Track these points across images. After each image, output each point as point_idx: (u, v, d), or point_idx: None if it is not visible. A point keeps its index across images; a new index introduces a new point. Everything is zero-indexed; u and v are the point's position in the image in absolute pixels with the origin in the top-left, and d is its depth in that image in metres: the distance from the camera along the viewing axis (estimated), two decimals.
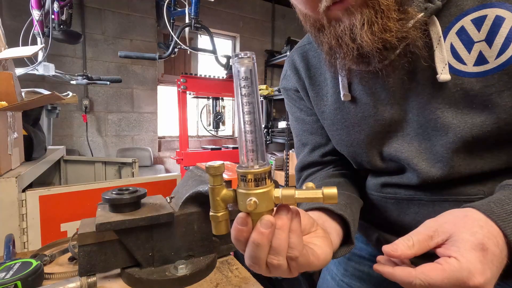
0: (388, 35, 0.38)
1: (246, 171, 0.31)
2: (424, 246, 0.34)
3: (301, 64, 0.60)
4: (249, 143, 0.31)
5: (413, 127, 0.47)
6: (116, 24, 3.49)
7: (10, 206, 0.76)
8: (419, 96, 0.45)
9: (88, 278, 0.47)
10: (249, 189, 0.31)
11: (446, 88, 0.42)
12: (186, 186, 0.57)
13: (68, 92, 1.57)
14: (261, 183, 0.31)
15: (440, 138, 0.45)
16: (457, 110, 0.42)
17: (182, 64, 4.12)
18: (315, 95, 0.58)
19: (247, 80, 0.31)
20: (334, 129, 0.57)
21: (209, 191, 0.34)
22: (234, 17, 4.20)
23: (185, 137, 2.79)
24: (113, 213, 0.49)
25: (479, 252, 0.31)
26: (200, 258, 0.54)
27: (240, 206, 0.33)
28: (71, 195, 0.86)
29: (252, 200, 0.31)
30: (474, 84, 0.40)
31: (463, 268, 0.30)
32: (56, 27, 1.79)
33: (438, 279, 0.31)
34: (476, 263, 0.30)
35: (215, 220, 0.34)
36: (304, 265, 0.35)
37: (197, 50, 2.67)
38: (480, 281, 0.30)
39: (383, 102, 0.48)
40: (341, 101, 0.53)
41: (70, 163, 1.56)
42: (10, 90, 0.81)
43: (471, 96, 0.41)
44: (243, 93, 0.31)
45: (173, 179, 1.07)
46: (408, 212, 0.51)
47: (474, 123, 0.41)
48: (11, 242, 0.57)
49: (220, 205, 0.34)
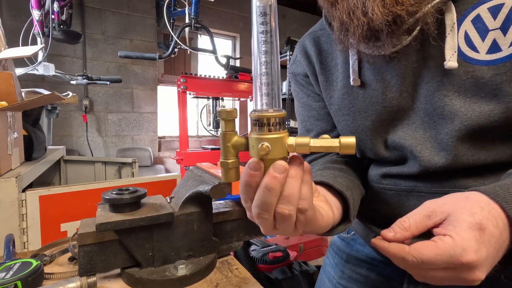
0: (399, 8, 0.39)
1: (260, 115, 0.30)
2: (421, 227, 0.33)
3: (312, 49, 0.60)
4: (264, 86, 0.30)
5: (420, 115, 0.47)
6: (116, 24, 3.49)
7: (10, 206, 0.76)
8: (429, 83, 0.45)
9: (88, 278, 0.47)
10: (262, 133, 0.30)
11: (456, 75, 0.42)
12: (186, 186, 0.57)
13: (68, 92, 1.57)
14: (274, 128, 0.30)
15: (446, 126, 0.45)
16: (465, 98, 0.42)
17: (182, 64, 4.12)
18: (325, 80, 0.59)
19: (266, 16, 0.29)
20: (340, 114, 0.57)
21: (220, 137, 0.33)
22: (234, 17, 4.20)
23: (185, 137, 2.79)
24: (113, 213, 0.49)
25: (476, 231, 0.30)
26: (200, 258, 0.54)
27: (251, 152, 0.31)
28: (71, 195, 0.86)
29: (265, 145, 0.30)
30: (485, 72, 0.40)
31: (457, 245, 0.30)
32: (56, 27, 1.79)
33: (430, 256, 0.30)
34: (471, 241, 0.30)
35: (225, 166, 0.33)
36: (311, 222, 0.34)
37: (197, 50, 2.67)
38: (473, 258, 0.29)
39: (392, 89, 0.49)
40: (350, 86, 0.53)
41: (70, 163, 1.56)
42: (10, 90, 0.81)
43: (480, 84, 0.41)
44: (260, 30, 0.29)
45: (173, 179, 1.07)
46: (408, 205, 0.51)
47: (482, 111, 0.41)
48: (11, 242, 0.57)
49: (231, 151, 0.33)
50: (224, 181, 0.33)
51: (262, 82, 0.30)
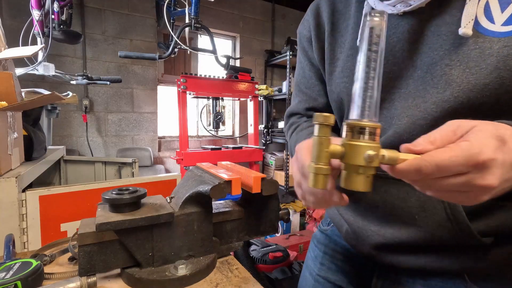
0: None
1: (372, 124, 0.31)
2: (446, 141, 0.32)
3: (326, 10, 0.61)
4: (368, 99, 0.32)
5: (416, 84, 0.47)
6: (116, 24, 3.49)
7: (10, 206, 0.76)
8: (435, 51, 0.45)
9: (88, 278, 0.47)
10: (369, 142, 0.31)
11: (465, 45, 0.43)
12: (186, 186, 0.57)
13: (68, 92, 1.57)
14: (375, 138, 0.31)
15: (435, 95, 0.45)
16: (465, 69, 0.42)
17: (182, 64, 4.12)
18: (333, 41, 0.59)
19: (378, 37, 0.32)
20: (341, 76, 0.57)
21: (313, 142, 0.33)
22: (234, 17, 4.19)
23: (185, 137, 2.78)
24: (113, 213, 0.49)
25: (496, 141, 0.29)
26: (200, 258, 0.54)
27: (350, 159, 0.31)
28: (71, 195, 0.86)
29: (374, 153, 0.30)
30: (494, 43, 0.41)
31: (474, 146, 0.29)
32: (56, 27, 1.79)
33: (445, 158, 0.29)
34: (489, 145, 0.29)
35: (320, 172, 0.32)
36: None
37: (197, 50, 2.67)
38: (490, 156, 0.28)
39: (396, 54, 0.49)
40: (355, 48, 0.54)
41: (70, 163, 1.56)
42: (10, 90, 0.81)
43: (486, 55, 0.41)
44: (373, 49, 0.32)
45: (173, 179, 1.07)
46: (378, 191, 0.51)
47: (477, 84, 0.41)
48: (11, 242, 0.57)
49: (327, 157, 0.32)
50: (312, 186, 0.33)
51: (366, 95, 0.32)
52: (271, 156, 3.86)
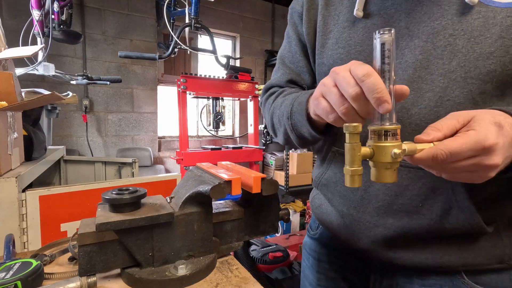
0: None
1: (394, 127, 0.37)
2: (452, 128, 0.37)
3: None
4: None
5: (415, 53, 0.47)
6: (116, 24, 3.49)
7: (10, 206, 0.76)
8: (437, 21, 0.45)
9: (88, 278, 0.47)
10: (393, 142, 0.37)
11: (468, 14, 0.43)
12: (186, 186, 0.57)
13: (68, 92, 1.57)
14: (397, 137, 0.37)
15: (442, 66, 0.45)
16: (469, 38, 0.43)
17: (182, 64, 4.12)
18: (327, 14, 0.59)
19: (389, 51, 0.37)
20: (336, 47, 0.57)
21: (346, 149, 0.38)
22: (234, 17, 4.19)
23: (185, 137, 2.78)
24: (113, 213, 0.49)
25: (496, 126, 0.35)
26: (200, 258, 0.54)
27: (379, 157, 0.37)
28: (71, 195, 0.86)
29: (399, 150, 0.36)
30: (497, 13, 0.41)
31: (480, 134, 0.34)
32: (56, 27, 1.79)
33: (457, 145, 0.34)
34: (492, 131, 0.34)
35: (356, 173, 0.37)
36: None
37: (197, 50, 2.67)
38: (494, 141, 0.34)
39: (392, 24, 0.49)
40: (351, 19, 0.54)
41: (70, 163, 1.56)
42: (10, 90, 0.81)
43: (490, 24, 0.42)
44: (386, 62, 0.37)
45: (173, 179, 1.07)
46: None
47: (482, 53, 0.42)
48: (11, 242, 0.57)
49: (360, 160, 0.37)
50: (349, 186, 0.38)
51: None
52: (271, 156, 3.86)
